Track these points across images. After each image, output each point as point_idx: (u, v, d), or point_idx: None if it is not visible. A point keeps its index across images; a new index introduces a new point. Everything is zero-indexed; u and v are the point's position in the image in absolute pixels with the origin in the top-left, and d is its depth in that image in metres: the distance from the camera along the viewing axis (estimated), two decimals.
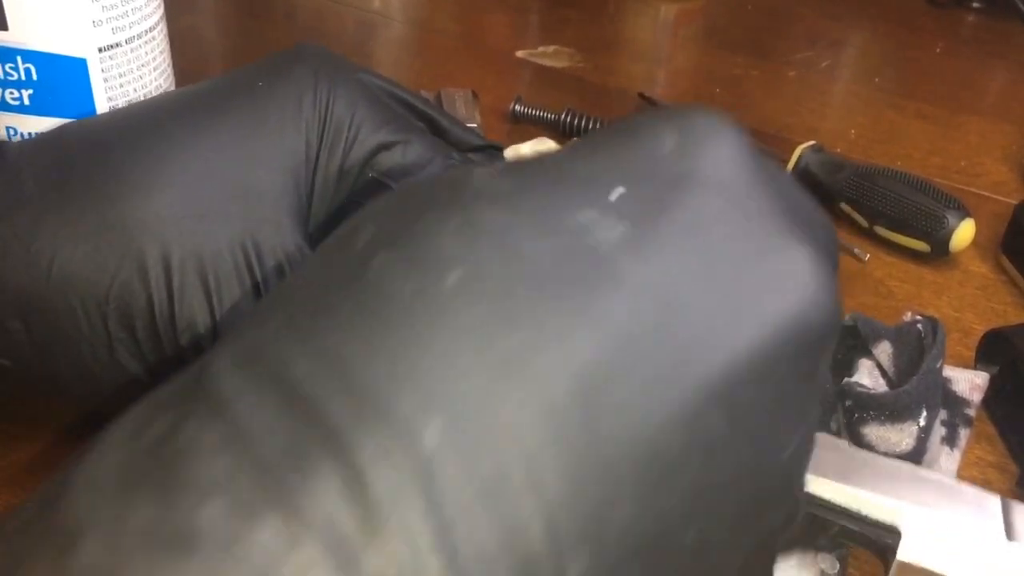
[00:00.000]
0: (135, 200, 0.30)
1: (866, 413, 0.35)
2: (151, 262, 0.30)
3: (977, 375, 0.40)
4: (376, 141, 0.35)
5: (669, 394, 0.20)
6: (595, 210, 0.21)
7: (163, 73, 0.44)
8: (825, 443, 0.32)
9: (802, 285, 0.22)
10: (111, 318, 0.30)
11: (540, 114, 0.62)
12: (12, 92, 0.39)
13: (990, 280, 0.51)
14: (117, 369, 0.30)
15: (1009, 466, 0.39)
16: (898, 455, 0.35)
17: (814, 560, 0.32)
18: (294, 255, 0.32)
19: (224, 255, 0.30)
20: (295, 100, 0.34)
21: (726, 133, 0.24)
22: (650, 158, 0.23)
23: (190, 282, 0.30)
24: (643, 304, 0.20)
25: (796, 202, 0.25)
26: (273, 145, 0.33)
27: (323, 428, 0.18)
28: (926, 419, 0.35)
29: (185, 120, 0.33)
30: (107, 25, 0.40)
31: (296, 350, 0.20)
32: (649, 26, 0.84)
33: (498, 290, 0.19)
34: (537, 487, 0.18)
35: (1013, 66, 0.79)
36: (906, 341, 0.37)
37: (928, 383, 0.35)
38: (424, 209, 0.22)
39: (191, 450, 0.18)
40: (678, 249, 0.21)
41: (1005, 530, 0.29)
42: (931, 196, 0.50)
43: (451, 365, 0.19)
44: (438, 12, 0.83)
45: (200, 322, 0.30)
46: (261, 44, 0.73)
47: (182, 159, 0.31)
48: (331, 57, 0.36)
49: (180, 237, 0.30)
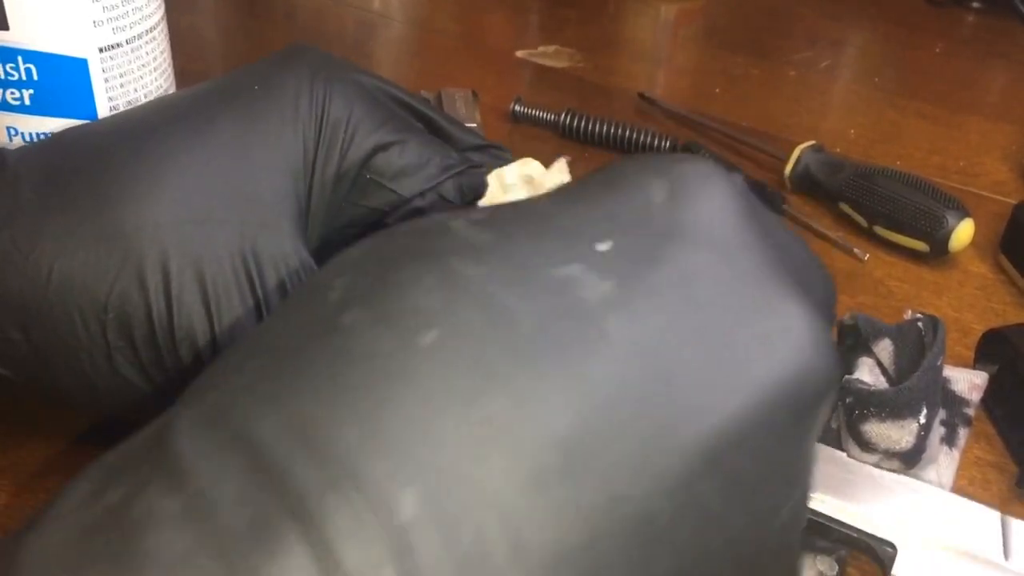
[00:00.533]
0: (133, 207, 0.30)
1: (866, 410, 0.35)
2: (150, 269, 0.29)
3: (976, 375, 0.40)
4: (373, 143, 0.35)
5: (657, 460, 0.19)
6: (580, 265, 0.20)
7: (163, 73, 0.44)
8: (823, 455, 0.32)
9: (796, 346, 0.21)
10: (110, 327, 0.29)
11: (540, 114, 0.62)
12: (13, 92, 0.39)
13: (989, 280, 0.51)
14: (117, 379, 0.30)
15: (1008, 466, 0.39)
16: (898, 452, 0.35)
17: (813, 562, 0.32)
18: (293, 260, 0.31)
19: (223, 261, 0.30)
20: (292, 102, 0.34)
21: (718, 184, 0.23)
22: (638, 210, 0.22)
23: (189, 290, 0.29)
24: (630, 368, 0.19)
25: (793, 255, 0.24)
26: (271, 149, 0.32)
27: (290, 497, 0.17)
28: (926, 417, 0.35)
29: (181, 125, 0.32)
30: (108, 25, 0.40)
31: (262, 411, 0.18)
32: (649, 26, 0.84)
33: (477, 351, 0.19)
34: (521, 560, 0.17)
35: (1013, 66, 0.79)
36: (907, 339, 0.37)
37: (929, 380, 0.35)
38: (399, 262, 0.21)
39: (151, 521, 0.17)
40: (667, 308, 0.20)
41: (1003, 548, 0.29)
42: (931, 196, 0.51)
43: (427, 430, 0.18)
44: (438, 12, 0.83)
45: (199, 332, 0.30)
46: (261, 44, 0.73)
47: (179, 165, 0.31)
48: (326, 58, 0.36)
49: (179, 244, 0.30)
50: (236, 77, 0.35)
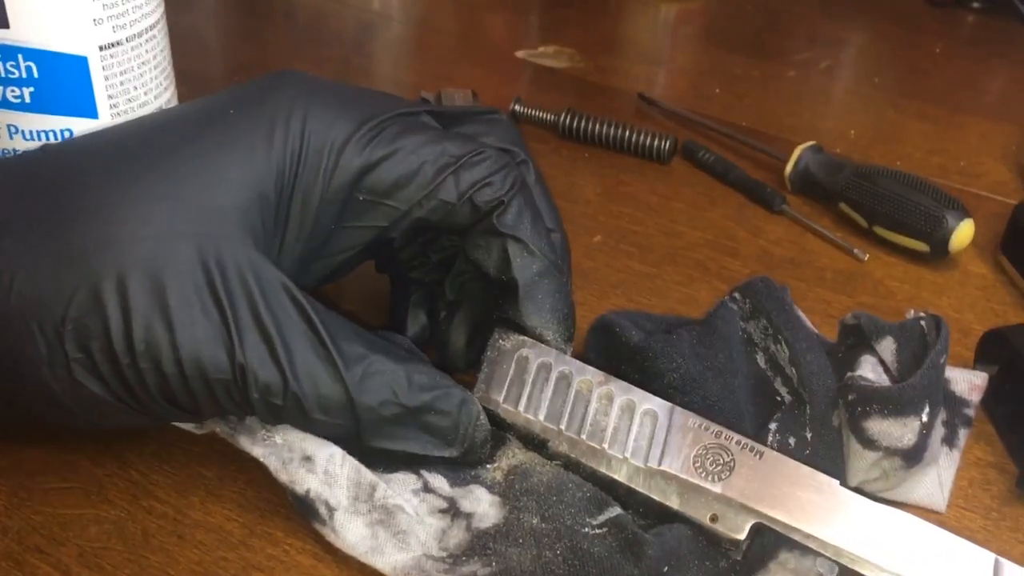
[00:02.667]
0: (95, 226, 0.30)
1: (869, 407, 0.35)
2: (107, 286, 0.30)
3: (976, 375, 0.40)
4: (359, 164, 0.35)
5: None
6: None
7: (164, 71, 0.44)
8: (814, 482, 0.32)
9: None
10: (68, 339, 0.30)
11: (540, 114, 0.62)
12: (13, 90, 0.39)
13: (989, 280, 0.51)
14: (80, 390, 0.30)
15: (1008, 466, 0.39)
16: (900, 450, 0.35)
17: (812, 564, 0.32)
18: (263, 270, 0.31)
19: (184, 274, 0.30)
20: (267, 125, 0.33)
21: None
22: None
23: (146, 303, 0.30)
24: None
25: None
26: (238, 166, 0.33)
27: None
28: (928, 415, 0.35)
29: (153, 147, 0.33)
30: (108, 23, 0.40)
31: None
32: (649, 26, 0.84)
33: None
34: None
35: (1013, 66, 0.79)
36: (909, 337, 0.37)
37: (932, 378, 0.35)
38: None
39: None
40: None
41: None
42: (930, 196, 0.51)
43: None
44: (438, 12, 0.83)
45: (160, 344, 0.30)
46: (261, 44, 0.73)
47: (144, 184, 0.31)
48: (312, 83, 0.36)
49: (138, 259, 0.30)
50: (216, 100, 0.35)
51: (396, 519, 0.32)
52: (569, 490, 0.33)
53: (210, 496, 0.35)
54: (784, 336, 0.37)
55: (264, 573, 0.33)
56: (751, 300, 0.39)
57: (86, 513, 0.34)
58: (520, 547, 0.32)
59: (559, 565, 0.31)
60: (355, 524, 0.32)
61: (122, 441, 0.37)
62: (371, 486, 0.32)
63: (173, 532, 0.34)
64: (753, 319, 0.39)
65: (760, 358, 0.38)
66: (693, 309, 0.46)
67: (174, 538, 0.34)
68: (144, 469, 0.36)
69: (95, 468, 0.36)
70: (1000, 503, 0.37)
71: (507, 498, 0.34)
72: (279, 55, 0.71)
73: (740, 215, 0.55)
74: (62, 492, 0.35)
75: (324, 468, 0.32)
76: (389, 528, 0.32)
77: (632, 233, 0.53)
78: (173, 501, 0.35)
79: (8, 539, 0.33)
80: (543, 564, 0.31)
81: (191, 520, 0.34)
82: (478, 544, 0.32)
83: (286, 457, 0.32)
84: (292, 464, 0.32)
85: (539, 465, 0.35)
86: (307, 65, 0.69)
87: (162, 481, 0.36)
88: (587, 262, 0.50)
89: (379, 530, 0.32)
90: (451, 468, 0.35)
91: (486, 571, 0.31)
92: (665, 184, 0.58)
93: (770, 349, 0.38)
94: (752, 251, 0.52)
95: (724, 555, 0.32)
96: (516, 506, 0.33)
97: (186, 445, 0.37)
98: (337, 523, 0.32)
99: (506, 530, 0.33)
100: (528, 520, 0.33)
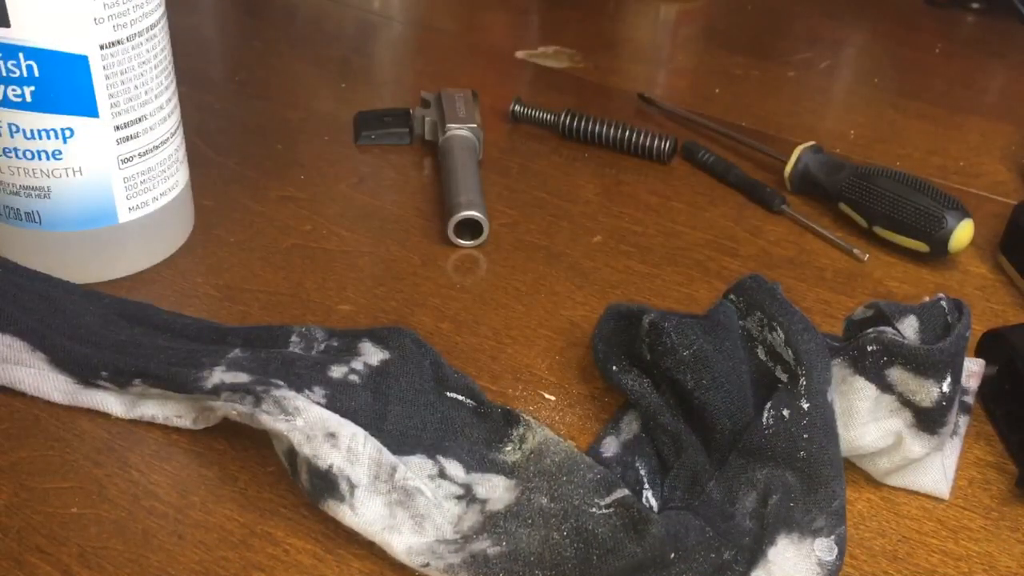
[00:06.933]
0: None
1: (893, 358, 0.36)
2: None
3: (974, 362, 0.40)
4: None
5: None
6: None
7: (165, 71, 0.44)
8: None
9: None
10: None
11: (540, 114, 0.62)
12: (14, 89, 0.39)
13: (989, 280, 0.51)
14: None
15: (1008, 466, 0.39)
16: (913, 404, 0.35)
17: (811, 549, 0.32)
18: None
19: None
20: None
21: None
22: None
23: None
24: None
25: None
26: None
27: None
28: (949, 387, 0.35)
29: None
30: (109, 22, 0.40)
31: None
32: (649, 26, 0.84)
33: None
34: None
35: (1013, 66, 0.79)
36: (932, 316, 0.38)
37: (958, 347, 0.36)
38: None
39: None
40: None
41: None
42: (930, 196, 0.51)
43: None
44: (438, 12, 0.83)
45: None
46: (261, 44, 0.73)
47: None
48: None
49: None
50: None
51: (415, 501, 0.33)
52: (580, 471, 0.34)
53: (210, 496, 0.35)
54: (779, 321, 0.38)
55: (265, 573, 0.33)
56: (745, 298, 0.39)
57: (86, 513, 0.34)
58: (529, 527, 0.33)
59: (566, 547, 0.32)
60: (374, 502, 0.33)
61: (122, 441, 0.37)
62: (391, 467, 0.33)
63: (173, 532, 0.34)
64: (749, 315, 0.39)
65: (760, 351, 0.39)
66: (693, 309, 0.46)
67: (174, 538, 0.34)
68: (144, 469, 0.36)
69: (95, 468, 0.36)
70: (999, 503, 0.37)
71: (521, 479, 0.35)
72: (279, 55, 0.71)
73: (740, 215, 0.55)
74: (62, 492, 0.35)
75: (347, 446, 0.33)
76: (408, 509, 0.33)
77: (632, 233, 0.53)
78: (173, 501, 0.35)
79: (9, 539, 0.33)
80: (551, 546, 0.32)
81: (191, 520, 0.34)
82: (489, 523, 0.33)
83: (310, 433, 0.33)
84: (316, 440, 0.33)
85: (554, 445, 0.36)
86: (307, 65, 0.69)
87: (162, 481, 0.36)
88: (587, 262, 0.50)
89: (397, 510, 0.33)
90: (467, 452, 0.36)
91: (496, 550, 0.32)
92: (665, 184, 0.58)
93: (768, 339, 0.38)
94: (752, 251, 0.52)
95: (728, 547, 0.33)
96: (528, 487, 0.34)
97: (186, 445, 0.37)
98: (357, 500, 0.33)
99: (517, 510, 0.34)
100: (538, 500, 0.34)
